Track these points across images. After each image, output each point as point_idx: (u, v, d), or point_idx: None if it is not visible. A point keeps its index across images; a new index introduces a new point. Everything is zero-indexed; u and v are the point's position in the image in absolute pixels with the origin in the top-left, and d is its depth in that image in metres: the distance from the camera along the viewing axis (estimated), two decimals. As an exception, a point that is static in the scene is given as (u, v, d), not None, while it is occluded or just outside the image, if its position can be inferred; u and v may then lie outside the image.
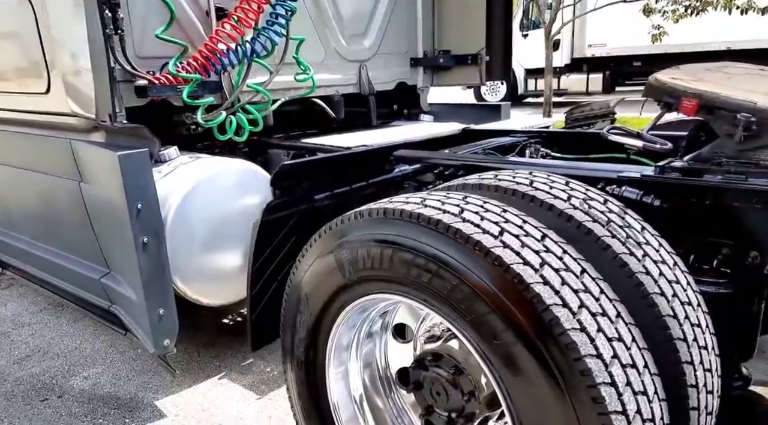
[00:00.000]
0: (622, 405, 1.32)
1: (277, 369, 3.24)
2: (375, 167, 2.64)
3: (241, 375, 3.20)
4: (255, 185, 2.97)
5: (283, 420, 2.76)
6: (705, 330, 1.64)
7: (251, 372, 3.23)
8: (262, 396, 2.98)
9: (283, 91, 3.34)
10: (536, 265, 1.42)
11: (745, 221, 1.82)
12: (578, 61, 14.77)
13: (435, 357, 1.84)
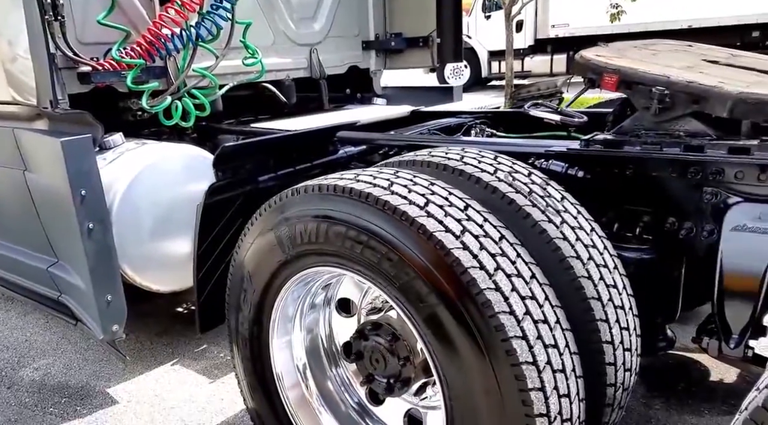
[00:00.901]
0: (532, 357, 1.49)
1: (229, 354, 3.33)
2: (319, 149, 2.76)
3: (193, 361, 3.30)
4: (203, 170, 3.05)
5: (235, 401, 2.87)
6: (622, 291, 1.82)
7: (204, 357, 3.33)
8: (214, 380, 3.09)
9: (232, 75, 3.41)
10: (457, 232, 1.57)
11: (662, 189, 2.01)
12: (542, 42, 15.00)
13: (374, 326, 1.98)
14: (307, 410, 2.16)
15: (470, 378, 1.54)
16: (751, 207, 1.81)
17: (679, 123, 1.96)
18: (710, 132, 1.93)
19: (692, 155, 1.88)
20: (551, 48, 14.86)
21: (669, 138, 1.97)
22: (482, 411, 1.54)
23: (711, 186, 1.88)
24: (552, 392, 1.52)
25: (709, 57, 2.23)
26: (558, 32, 14.60)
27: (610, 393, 1.76)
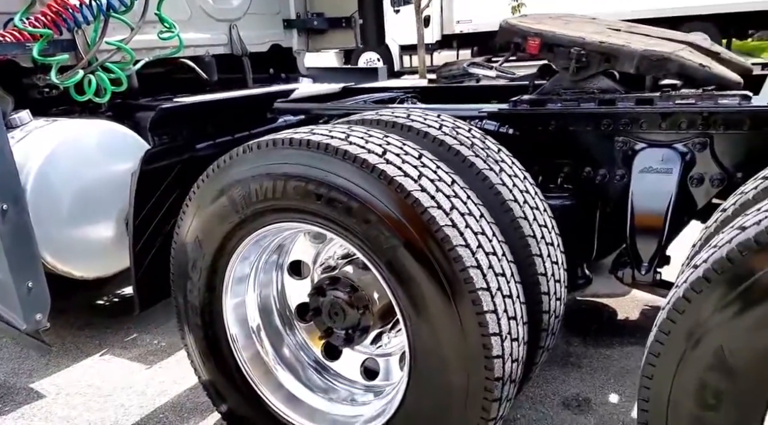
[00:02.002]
0: (486, 283, 1.72)
1: (164, 340, 3.34)
2: (257, 117, 2.84)
3: (124, 350, 3.26)
4: (124, 147, 3.01)
5: (177, 382, 2.90)
6: (551, 231, 2.11)
7: (136, 345, 3.30)
8: (151, 366, 3.08)
9: (147, 50, 3.38)
10: (415, 177, 1.77)
11: (579, 142, 2.33)
12: (448, 37, 15.68)
13: (332, 281, 2.12)
14: (263, 369, 2.26)
15: (433, 306, 1.73)
16: (655, 151, 2.17)
17: (593, 81, 2.29)
18: (619, 88, 2.28)
19: (605, 108, 2.21)
20: (457, 43, 15.56)
21: (585, 95, 2.29)
22: (444, 335, 1.74)
23: (622, 135, 2.22)
24: (503, 314, 1.75)
25: (612, 26, 2.60)
26: (462, 28, 15.31)
27: (546, 319, 2.03)
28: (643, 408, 1.50)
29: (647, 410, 1.49)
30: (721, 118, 2.02)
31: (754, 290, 1.28)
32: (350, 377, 2.32)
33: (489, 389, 1.73)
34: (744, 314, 1.30)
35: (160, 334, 3.40)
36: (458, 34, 15.43)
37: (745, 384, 1.33)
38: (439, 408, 1.81)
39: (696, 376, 1.38)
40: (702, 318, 1.35)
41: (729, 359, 1.33)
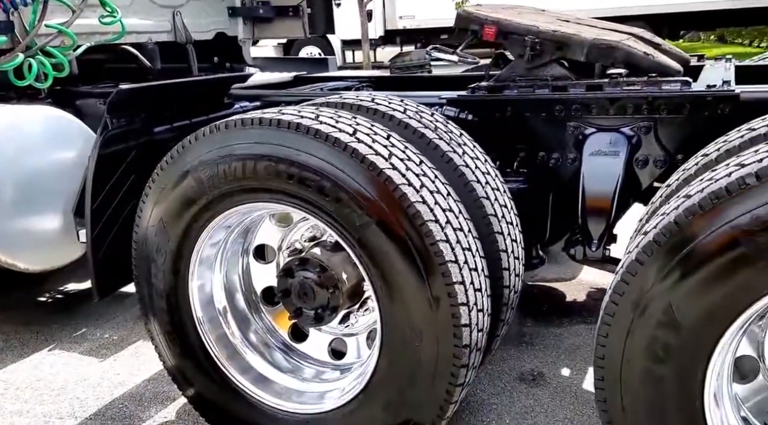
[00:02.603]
0: (454, 256, 1.84)
1: (115, 334, 3.29)
2: (214, 103, 2.87)
3: (75, 344, 3.20)
4: (70, 135, 2.97)
5: (134, 374, 2.89)
6: (510, 210, 2.26)
7: (87, 340, 3.24)
8: (104, 359, 3.04)
9: (88, 35, 3.32)
10: (386, 155, 1.87)
11: (534, 127, 2.49)
12: (391, 33, 15.81)
13: (301, 262, 2.19)
14: (230, 351, 2.30)
15: (405, 280, 1.83)
16: (604, 136, 2.35)
17: (546, 69, 2.46)
18: (571, 75, 2.46)
19: (559, 94, 2.38)
20: (400, 39, 15.70)
21: (539, 82, 2.45)
22: (415, 307, 1.84)
23: (573, 121, 2.40)
24: (470, 286, 1.88)
25: (561, 17, 2.78)
26: (405, 24, 15.46)
27: (506, 294, 2.17)
28: (599, 366, 1.65)
29: (603, 367, 1.65)
30: (664, 103, 2.22)
31: (699, 252, 1.45)
32: (318, 357, 2.40)
33: (457, 356, 1.84)
34: (690, 274, 1.47)
35: (110, 328, 3.35)
36: (401, 29, 15.60)
37: (690, 337, 1.50)
38: (409, 378, 1.91)
39: (647, 333, 1.55)
40: (652, 280, 1.52)
41: (677, 315, 1.50)
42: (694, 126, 2.19)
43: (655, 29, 12.71)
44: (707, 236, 1.43)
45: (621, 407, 1.65)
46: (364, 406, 2.02)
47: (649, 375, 1.57)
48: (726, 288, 1.44)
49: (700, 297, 1.47)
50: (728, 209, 1.40)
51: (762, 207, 1.36)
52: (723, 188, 1.41)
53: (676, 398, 1.56)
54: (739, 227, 1.38)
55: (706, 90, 2.16)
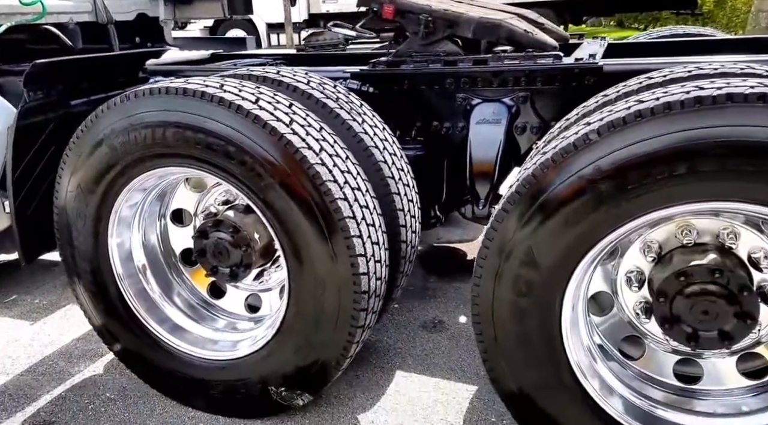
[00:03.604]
0: (352, 213, 1.87)
1: (45, 299, 3.15)
2: (130, 77, 2.74)
3: (6, 309, 3.03)
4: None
5: (63, 334, 2.79)
6: (406, 174, 2.30)
7: (17, 305, 3.08)
8: (35, 322, 2.91)
9: (8, 15, 3.08)
10: (287, 121, 1.86)
11: (428, 99, 2.53)
12: (315, 16, 15.42)
13: (215, 223, 2.16)
14: (150, 304, 2.26)
15: (308, 236, 1.85)
16: (488, 106, 2.43)
17: (439, 45, 2.50)
18: (461, 51, 2.51)
19: (449, 68, 2.43)
20: (324, 23, 15.32)
21: (433, 57, 2.49)
22: (318, 260, 1.86)
23: (462, 92, 2.45)
24: (367, 239, 1.92)
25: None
26: (329, 8, 15.09)
27: (403, 248, 2.23)
28: (475, 303, 1.74)
29: (477, 304, 1.74)
30: (539, 75, 2.31)
31: (552, 200, 1.54)
32: (236, 311, 2.39)
33: (357, 301, 1.89)
34: (546, 220, 1.56)
35: (40, 294, 3.20)
36: (325, 13, 15.24)
37: (548, 274, 1.61)
38: (315, 323, 1.94)
39: (512, 272, 1.64)
40: (515, 226, 1.61)
41: (536, 256, 1.60)
42: (565, 96, 2.30)
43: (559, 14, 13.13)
44: (559, 186, 1.52)
45: (494, 338, 1.75)
46: (276, 350, 2.04)
47: (515, 309, 1.67)
48: (576, 230, 1.54)
49: (555, 239, 1.57)
50: (575, 161, 1.49)
51: (603, 159, 1.46)
52: (571, 143, 1.50)
53: (539, 327, 1.67)
54: (585, 177, 1.48)
55: (574, 63, 2.27)
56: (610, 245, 1.59)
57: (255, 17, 16.16)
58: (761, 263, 1.61)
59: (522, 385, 1.75)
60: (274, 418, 2.19)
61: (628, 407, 1.71)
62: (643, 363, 1.83)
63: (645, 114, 1.39)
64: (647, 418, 1.69)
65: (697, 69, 1.70)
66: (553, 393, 1.70)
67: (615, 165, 1.43)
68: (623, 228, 1.49)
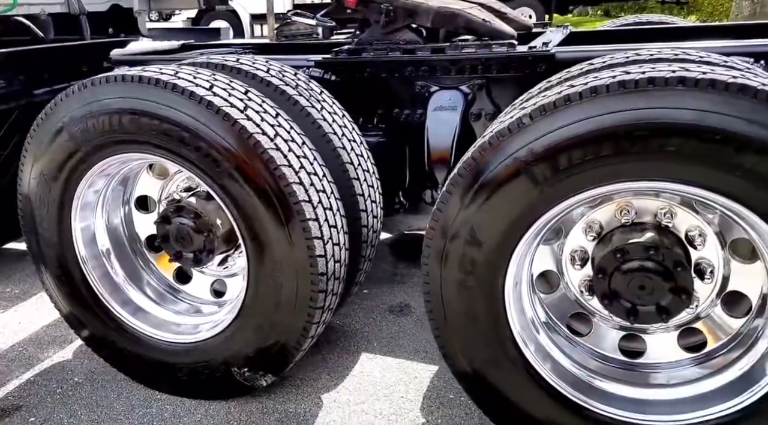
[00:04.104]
0: (308, 197, 1.93)
1: (17, 288, 3.19)
2: (94, 67, 2.78)
3: (-25, 301, 3.08)
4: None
5: (34, 322, 2.84)
6: (367, 160, 2.37)
7: (-14, 296, 3.13)
8: (6, 310, 2.96)
9: (-23, 7, 3.11)
10: (241, 107, 1.91)
11: (389, 87, 2.59)
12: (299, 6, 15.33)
13: (177, 209, 2.21)
14: (113, 287, 2.32)
15: (264, 220, 1.91)
16: (445, 93, 2.49)
17: (399, 34, 2.56)
18: (420, 40, 2.57)
19: (408, 56, 2.49)
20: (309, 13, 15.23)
21: (393, 45, 2.55)
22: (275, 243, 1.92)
23: (421, 80, 2.52)
24: (324, 223, 1.98)
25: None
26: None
27: (365, 233, 2.29)
28: (425, 282, 1.82)
29: (428, 283, 1.81)
30: (494, 63, 2.38)
31: (490, 181, 1.62)
32: (201, 297, 2.45)
33: (315, 282, 1.95)
34: (486, 200, 1.63)
35: (12, 283, 3.25)
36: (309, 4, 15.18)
37: (490, 252, 1.68)
38: (275, 305, 2.01)
39: (457, 251, 1.71)
40: (458, 206, 1.68)
41: (478, 235, 1.67)
42: (519, 83, 2.36)
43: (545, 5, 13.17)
44: (496, 168, 1.60)
45: (444, 317, 1.82)
46: (237, 333, 2.10)
47: (461, 287, 1.75)
48: (514, 210, 1.62)
49: (495, 219, 1.64)
50: (510, 144, 1.57)
51: (535, 141, 1.53)
52: (506, 127, 1.58)
53: (484, 304, 1.75)
54: (519, 159, 1.56)
55: (527, 51, 2.34)
56: (549, 224, 1.67)
57: (238, 7, 16.07)
58: (695, 241, 1.69)
59: (471, 361, 1.83)
60: (239, 399, 2.27)
61: (574, 381, 1.79)
62: (589, 339, 1.91)
63: (573, 98, 1.46)
64: (592, 390, 1.78)
65: (634, 55, 1.77)
66: (500, 368, 1.78)
67: (546, 147, 1.50)
68: (557, 207, 1.57)
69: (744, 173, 1.34)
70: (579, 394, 1.75)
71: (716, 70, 1.40)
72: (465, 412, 2.14)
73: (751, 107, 1.30)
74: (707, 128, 1.34)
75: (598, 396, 1.72)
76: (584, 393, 1.74)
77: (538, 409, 1.75)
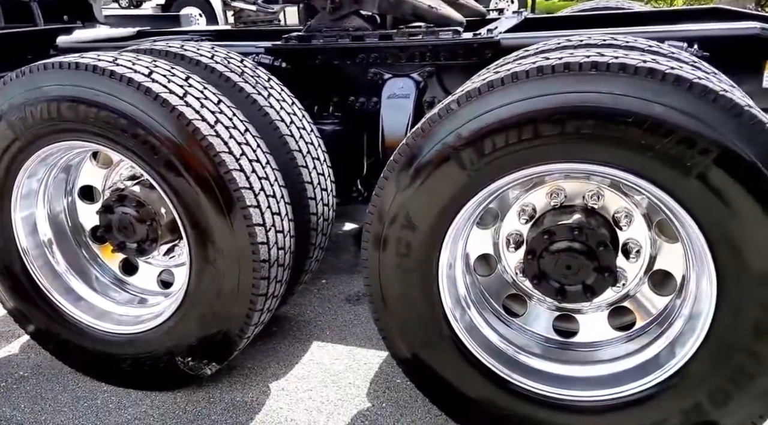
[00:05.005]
0: (249, 184, 2.00)
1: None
2: (40, 54, 2.81)
3: None
4: None
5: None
6: (317, 148, 2.44)
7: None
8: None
9: None
10: (180, 94, 1.97)
11: (342, 75, 2.67)
12: None
13: (119, 198, 2.27)
14: (57, 280, 2.38)
15: (205, 207, 1.97)
16: (397, 81, 2.58)
17: (348, 20, 2.64)
18: (369, 27, 2.65)
19: (357, 43, 2.57)
20: None
21: (342, 32, 2.63)
22: (216, 230, 1.99)
23: (373, 67, 2.60)
24: (266, 210, 2.05)
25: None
26: None
27: (313, 221, 2.37)
28: (365, 266, 1.91)
29: (367, 267, 1.90)
30: (442, 50, 2.47)
31: (422, 166, 1.71)
32: (148, 287, 2.51)
33: (257, 269, 2.02)
34: (420, 185, 1.73)
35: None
36: None
37: (424, 235, 1.78)
38: (216, 293, 2.08)
39: (394, 234, 1.80)
40: (394, 191, 1.77)
41: (413, 219, 1.77)
42: (468, 70, 2.45)
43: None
44: (428, 153, 1.69)
45: (382, 299, 1.92)
46: (180, 322, 2.17)
47: (398, 269, 1.84)
48: (445, 193, 1.71)
49: (428, 202, 1.74)
50: (440, 129, 1.66)
51: (462, 127, 1.63)
52: (436, 112, 1.67)
53: (419, 286, 1.85)
54: (448, 144, 1.65)
55: (472, 38, 2.43)
56: (480, 206, 1.77)
57: (210, -7, 15.94)
58: (621, 222, 1.81)
59: (409, 343, 1.92)
60: (186, 389, 2.34)
61: (506, 360, 1.90)
62: (524, 319, 2.02)
63: (496, 84, 1.56)
64: (525, 369, 1.88)
65: (565, 41, 1.88)
66: (435, 349, 1.88)
67: (472, 132, 1.60)
68: (486, 190, 1.67)
69: (655, 154, 1.45)
70: (510, 371, 1.85)
71: (630, 55, 1.50)
72: (410, 395, 2.24)
73: (659, 90, 1.41)
74: (620, 111, 1.44)
75: (526, 372, 1.82)
76: (513, 370, 1.84)
77: (470, 388, 1.85)
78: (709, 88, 1.38)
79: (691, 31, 2.16)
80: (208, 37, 3.59)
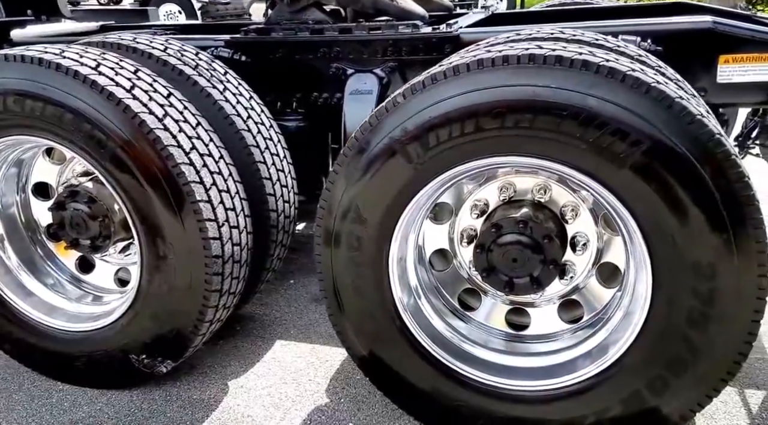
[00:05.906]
0: (200, 178, 2.03)
1: None
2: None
3: None
4: None
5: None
6: (277, 143, 2.48)
7: None
8: None
9: None
10: (127, 87, 2.00)
11: (304, 69, 2.71)
12: None
13: (71, 194, 2.29)
14: (8, 277, 2.41)
15: (153, 201, 1.99)
16: (360, 76, 2.61)
17: (307, 13, 2.67)
18: (329, 20, 2.69)
19: (315, 36, 2.61)
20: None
21: (301, 25, 2.66)
22: (166, 225, 2.02)
23: (335, 62, 2.64)
24: (218, 205, 2.08)
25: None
26: None
27: (274, 217, 2.40)
28: (318, 261, 1.95)
29: (320, 262, 1.94)
30: (403, 44, 2.51)
31: (371, 160, 1.75)
32: (104, 286, 2.54)
33: (209, 265, 2.05)
34: (369, 178, 1.77)
35: None
36: None
37: (373, 229, 1.82)
38: (168, 290, 2.11)
39: (345, 228, 1.85)
40: (344, 185, 1.81)
41: (363, 212, 1.81)
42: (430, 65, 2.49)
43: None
44: (375, 147, 1.74)
45: (335, 294, 1.96)
46: (133, 320, 2.19)
47: (350, 263, 1.89)
48: (393, 187, 1.76)
49: (376, 196, 1.78)
50: (386, 123, 1.71)
51: (408, 120, 1.67)
52: (383, 106, 1.71)
53: (371, 280, 1.89)
54: (394, 138, 1.70)
55: (431, 32, 2.48)
56: (429, 200, 1.82)
57: (190, -11, 15.87)
58: (567, 216, 1.87)
59: (361, 337, 1.97)
60: (143, 387, 2.37)
61: (456, 352, 1.95)
62: (478, 313, 2.08)
63: (439, 78, 1.61)
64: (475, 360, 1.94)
65: (514, 35, 1.93)
66: (387, 343, 1.93)
67: (417, 126, 1.64)
68: (433, 183, 1.72)
69: (590, 147, 1.51)
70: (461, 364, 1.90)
71: (567, 48, 1.56)
72: (368, 391, 2.29)
73: (592, 82, 1.47)
74: (556, 104, 1.50)
75: (476, 363, 1.88)
76: (463, 361, 1.89)
77: (420, 379, 1.91)
78: (642, 80, 1.44)
79: (644, 25, 2.22)
80: (171, 32, 3.62)
